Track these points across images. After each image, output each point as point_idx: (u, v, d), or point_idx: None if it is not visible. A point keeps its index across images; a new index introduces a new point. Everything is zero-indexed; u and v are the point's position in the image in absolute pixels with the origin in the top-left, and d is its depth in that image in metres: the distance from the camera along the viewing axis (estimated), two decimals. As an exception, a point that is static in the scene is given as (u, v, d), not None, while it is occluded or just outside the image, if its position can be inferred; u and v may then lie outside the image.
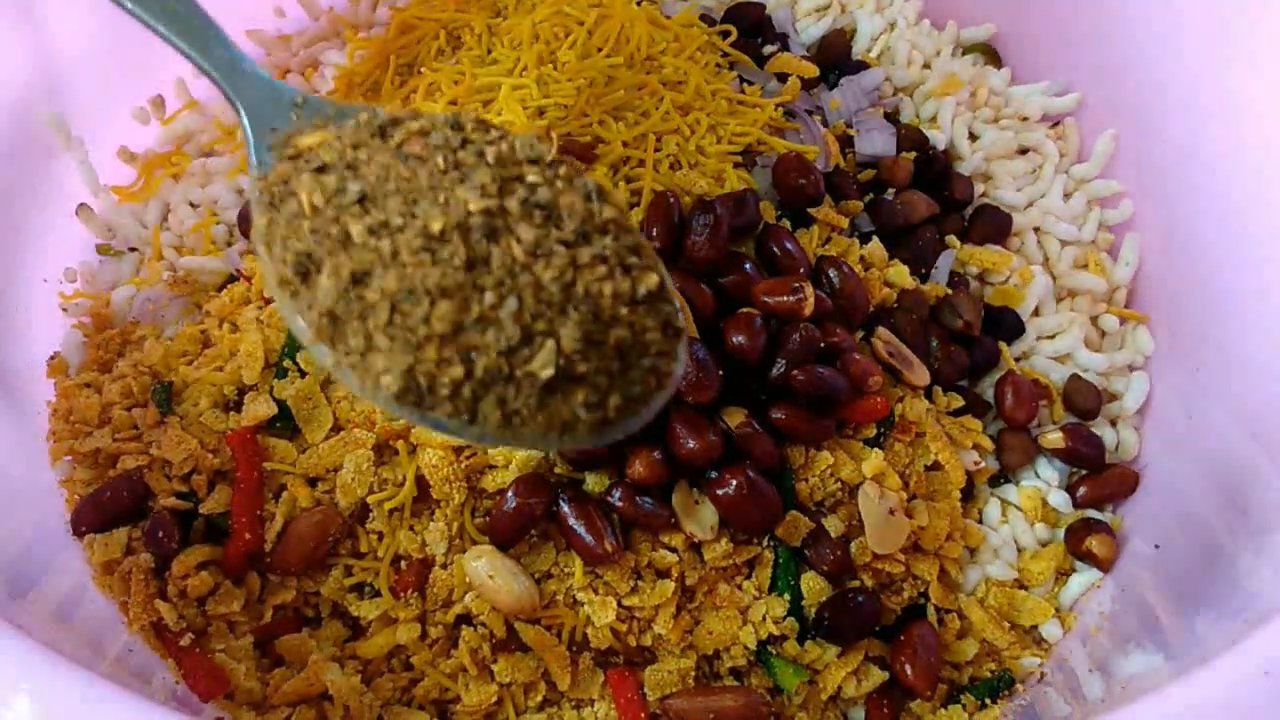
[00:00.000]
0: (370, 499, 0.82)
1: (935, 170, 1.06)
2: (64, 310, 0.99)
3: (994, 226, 1.05)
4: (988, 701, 0.86)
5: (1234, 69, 0.96)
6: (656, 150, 0.94)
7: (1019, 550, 0.94)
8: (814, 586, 0.84)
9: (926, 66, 1.17)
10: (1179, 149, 1.02)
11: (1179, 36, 1.01)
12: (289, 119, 0.72)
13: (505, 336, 0.57)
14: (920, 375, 0.91)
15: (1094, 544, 0.91)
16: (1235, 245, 0.95)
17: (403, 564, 0.83)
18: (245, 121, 0.73)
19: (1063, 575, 0.93)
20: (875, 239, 0.99)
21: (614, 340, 0.60)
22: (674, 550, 0.81)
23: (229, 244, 1.04)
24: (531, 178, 0.63)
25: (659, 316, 0.63)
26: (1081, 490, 0.95)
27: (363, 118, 0.66)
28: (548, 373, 0.57)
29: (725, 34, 1.08)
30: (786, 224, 0.95)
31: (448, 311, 0.57)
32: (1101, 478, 0.96)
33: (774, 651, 0.83)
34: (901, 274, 0.97)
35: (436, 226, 0.58)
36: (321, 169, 0.63)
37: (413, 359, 0.58)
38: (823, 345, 0.86)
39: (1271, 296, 0.91)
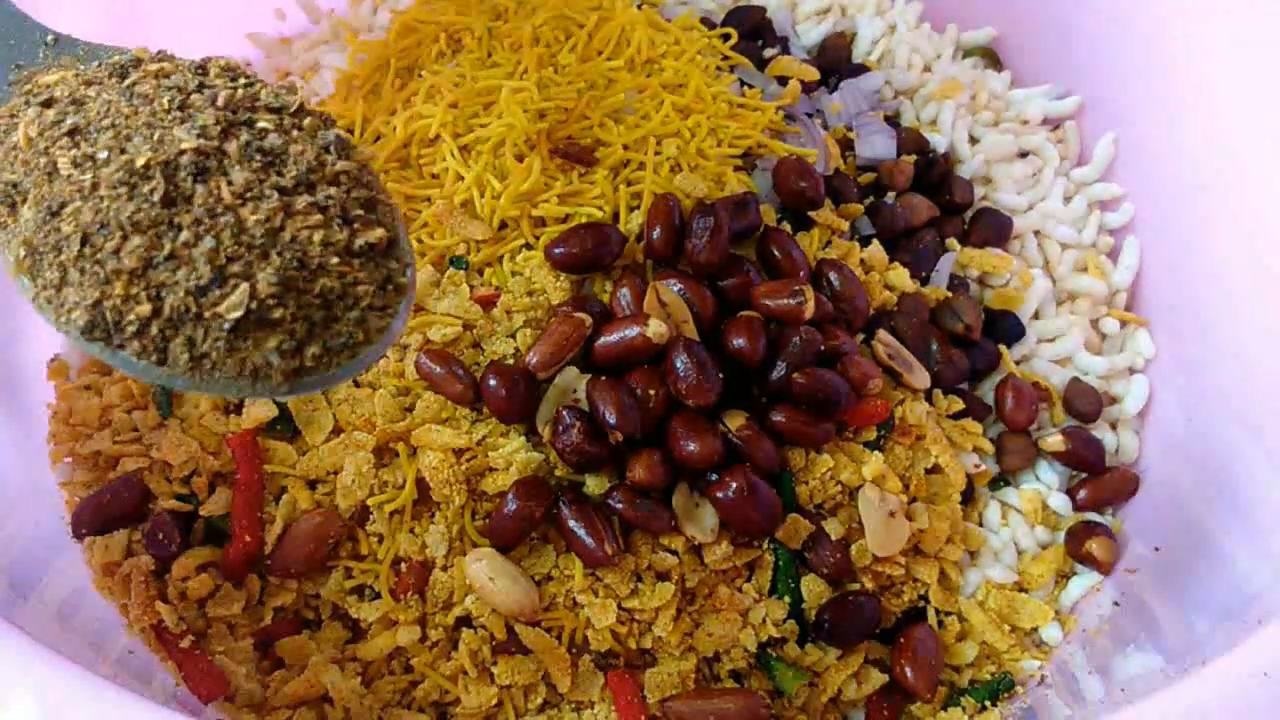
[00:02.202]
0: (370, 501, 0.82)
1: (936, 173, 1.06)
2: (65, 312, 0.99)
3: (994, 230, 1.05)
4: (988, 704, 0.86)
5: (1234, 72, 0.97)
6: (657, 153, 0.94)
7: (1019, 553, 0.94)
8: (814, 589, 0.84)
9: (927, 70, 1.17)
10: (1179, 152, 1.02)
11: (1179, 40, 1.01)
12: (38, 57, 0.71)
13: (196, 275, 0.57)
14: (920, 378, 0.91)
15: (1094, 547, 0.91)
16: (1235, 248, 0.95)
17: (403, 566, 0.83)
18: None
19: (1063, 578, 0.94)
20: (875, 242, 0.99)
21: (318, 289, 0.59)
22: (674, 553, 0.81)
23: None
24: (263, 124, 0.62)
25: (378, 271, 0.62)
26: (1082, 493, 0.96)
27: (113, 59, 0.66)
28: (235, 314, 0.57)
29: (725, 37, 1.08)
30: (787, 227, 0.95)
31: (137, 246, 0.57)
32: (1101, 481, 0.96)
33: (774, 654, 0.83)
34: (902, 277, 0.97)
35: (140, 161, 0.58)
36: (48, 103, 0.63)
37: (100, 293, 0.57)
38: (823, 348, 0.86)
39: (1271, 299, 0.91)
